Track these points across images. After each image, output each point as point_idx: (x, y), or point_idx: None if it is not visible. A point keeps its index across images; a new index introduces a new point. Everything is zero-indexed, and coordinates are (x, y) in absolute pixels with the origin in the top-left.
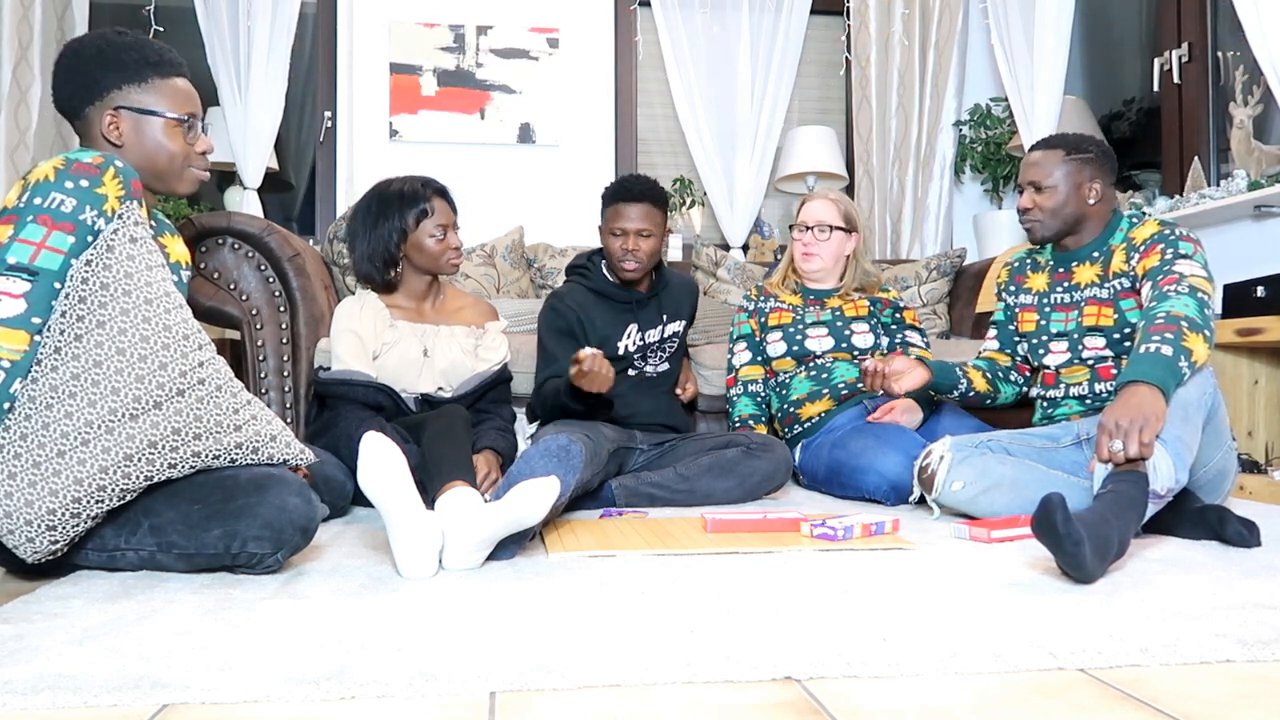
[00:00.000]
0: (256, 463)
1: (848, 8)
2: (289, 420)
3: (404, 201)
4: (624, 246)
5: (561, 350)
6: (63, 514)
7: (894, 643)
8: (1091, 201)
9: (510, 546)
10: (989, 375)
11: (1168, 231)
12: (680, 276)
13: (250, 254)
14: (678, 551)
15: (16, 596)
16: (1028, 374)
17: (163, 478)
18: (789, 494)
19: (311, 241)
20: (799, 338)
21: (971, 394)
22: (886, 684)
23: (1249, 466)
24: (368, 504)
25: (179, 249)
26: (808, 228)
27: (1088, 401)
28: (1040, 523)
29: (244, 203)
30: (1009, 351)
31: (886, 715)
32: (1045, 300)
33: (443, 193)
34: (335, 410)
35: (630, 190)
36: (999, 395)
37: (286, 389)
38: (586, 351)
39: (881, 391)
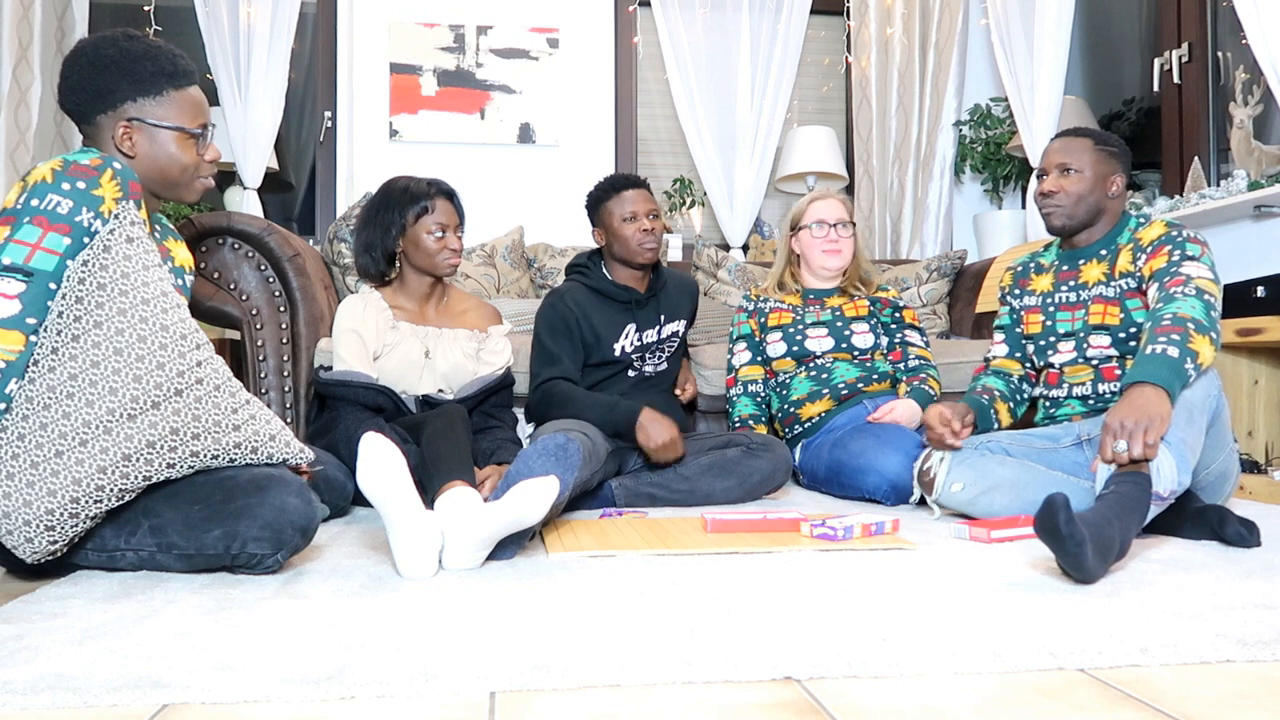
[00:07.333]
0: (256, 462)
1: (848, 8)
2: (289, 420)
3: (407, 197)
4: (642, 229)
5: (562, 349)
6: (61, 514)
7: (894, 643)
8: (1111, 195)
9: (510, 546)
10: (1010, 405)
11: (1175, 233)
12: (679, 276)
13: (250, 254)
14: (678, 551)
15: (16, 596)
16: (1035, 380)
17: (161, 478)
18: (789, 494)
19: (311, 241)
20: (799, 338)
21: (996, 427)
22: (886, 684)
23: (1249, 466)
24: (368, 504)
25: (183, 254)
26: (830, 225)
27: (1090, 402)
28: (1043, 523)
29: (244, 203)
30: (1018, 357)
31: (887, 715)
32: (1050, 300)
33: (449, 194)
34: (335, 411)
35: (628, 178)
36: (1017, 418)
37: (286, 389)
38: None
39: (938, 445)
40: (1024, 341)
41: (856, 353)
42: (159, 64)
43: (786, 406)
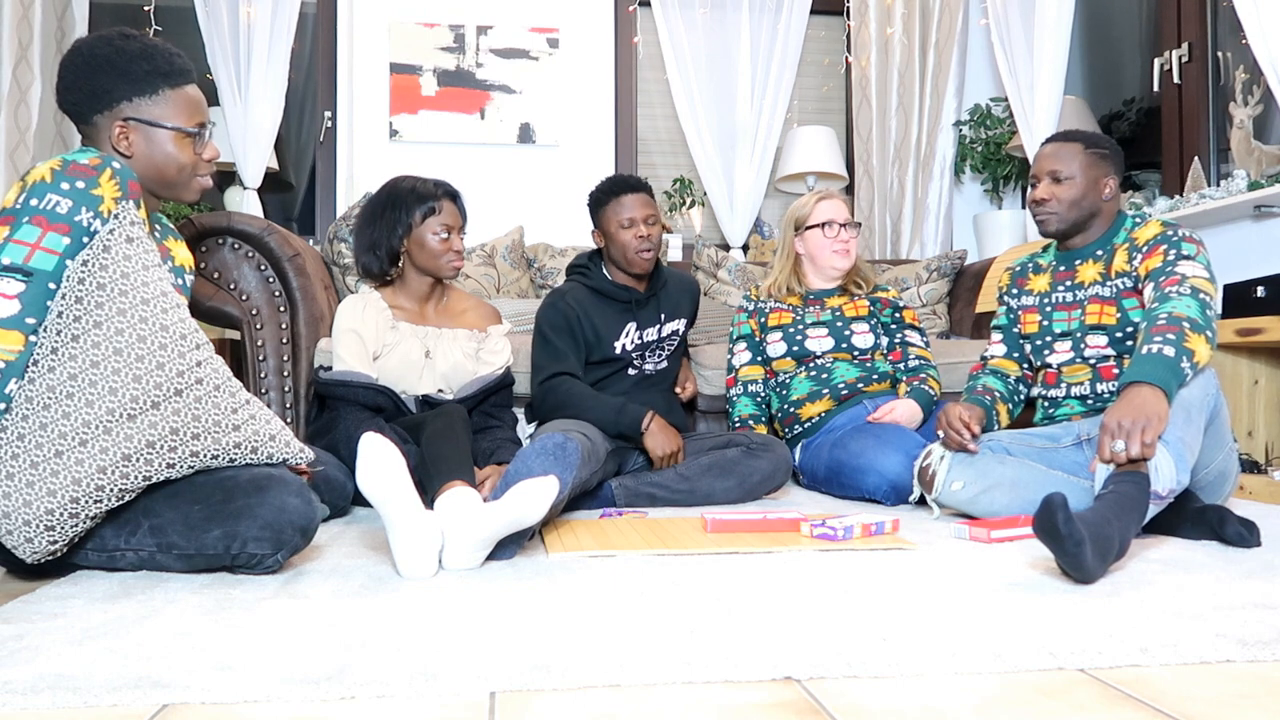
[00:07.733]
0: (256, 462)
1: (848, 8)
2: (289, 420)
3: (414, 196)
4: (638, 235)
5: (566, 345)
6: (61, 514)
7: (894, 643)
8: (1105, 198)
9: (510, 546)
10: (1010, 407)
11: (1170, 233)
12: (679, 275)
13: (250, 254)
14: (678, 551)
15: (16, 596)
16: (1032, 380)
17: (161, 478)
18: (789, 494)
19: (311, 241)
20: (799, 338)
21: (997, 428)
22: (886, 684)
23: (1249, 466)
24: (368, 504)
25: (182, 253)
26: (840, 225)
27: (1089, 401)
28: (1042, 523)
29: (244, 203)
30: (1016, 356)
31: (887, 715)
32: (1047, 300)
33: (454, 196)
34: (335, 411)
35: (627, 181)
36: (1014, 419)
37: (286, 389)
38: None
39: (957, 448)
40: (1021, 341)
41: (856, 353)
42: (154, 63)
43: (786, 406)
